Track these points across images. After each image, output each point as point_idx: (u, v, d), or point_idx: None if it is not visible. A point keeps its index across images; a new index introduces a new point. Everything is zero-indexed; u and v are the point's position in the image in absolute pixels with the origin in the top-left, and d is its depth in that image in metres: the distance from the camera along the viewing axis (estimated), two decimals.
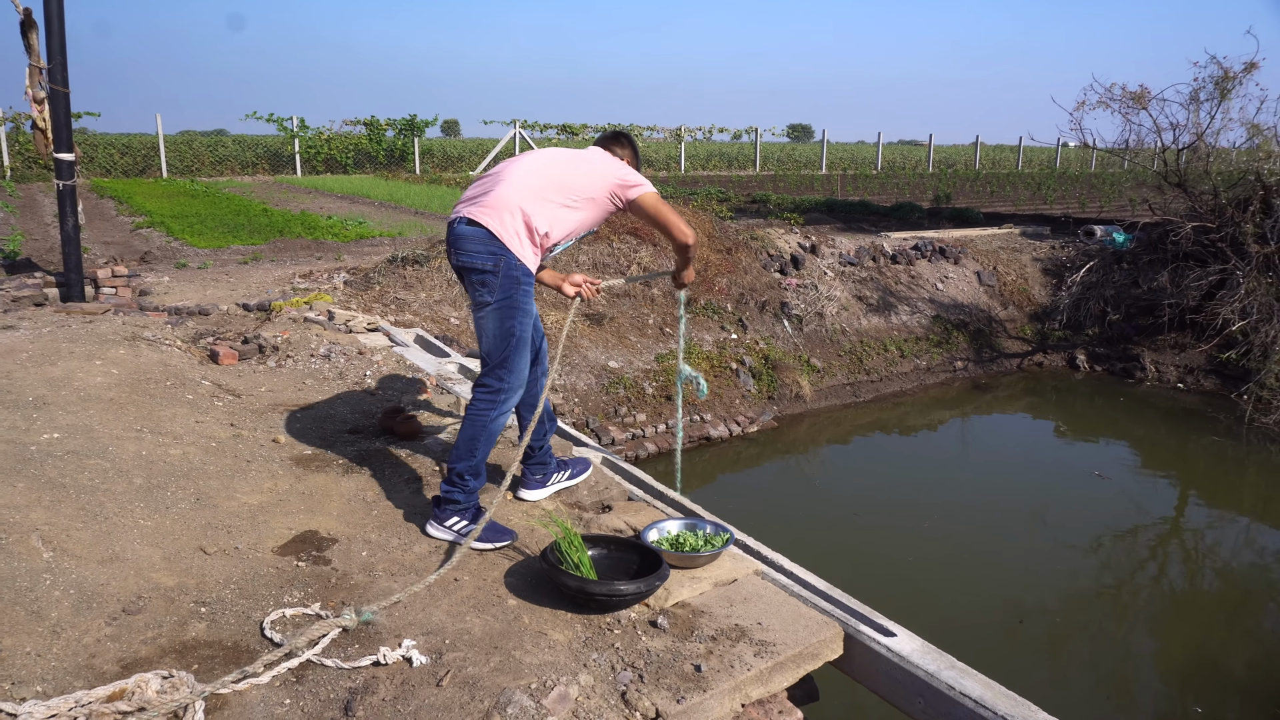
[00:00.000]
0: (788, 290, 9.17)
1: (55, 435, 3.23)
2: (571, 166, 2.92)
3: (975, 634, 4.41)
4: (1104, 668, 4.29)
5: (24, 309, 6.59)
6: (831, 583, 2.78)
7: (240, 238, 11.03)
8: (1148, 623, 4.92)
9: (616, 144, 3.13)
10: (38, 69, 6.99)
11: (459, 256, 2.83)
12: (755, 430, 7.48)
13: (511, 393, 2.87)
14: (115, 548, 2.57)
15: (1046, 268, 11.17)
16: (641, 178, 2.95)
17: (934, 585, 4.91)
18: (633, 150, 3.16)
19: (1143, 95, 9.33)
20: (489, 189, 2.86)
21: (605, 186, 2.91)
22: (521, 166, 2.91)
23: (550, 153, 3.01)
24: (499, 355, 2.82)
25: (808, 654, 2.39)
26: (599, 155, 3.00)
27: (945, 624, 4.43)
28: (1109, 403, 8.82)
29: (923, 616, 4.47)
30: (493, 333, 2.82)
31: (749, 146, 34.18)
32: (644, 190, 2.92)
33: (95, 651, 2.13)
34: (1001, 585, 5.01)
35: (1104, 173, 29.02)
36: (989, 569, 5.19)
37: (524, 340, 2.85)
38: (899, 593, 4.75)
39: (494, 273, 2.77)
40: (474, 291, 2.84)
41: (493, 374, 2.84)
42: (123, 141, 24.66)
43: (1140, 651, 4.62)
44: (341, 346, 5.24)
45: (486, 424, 2.84)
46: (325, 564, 2.68)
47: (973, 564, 5.23)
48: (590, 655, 2.24)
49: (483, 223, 2.77)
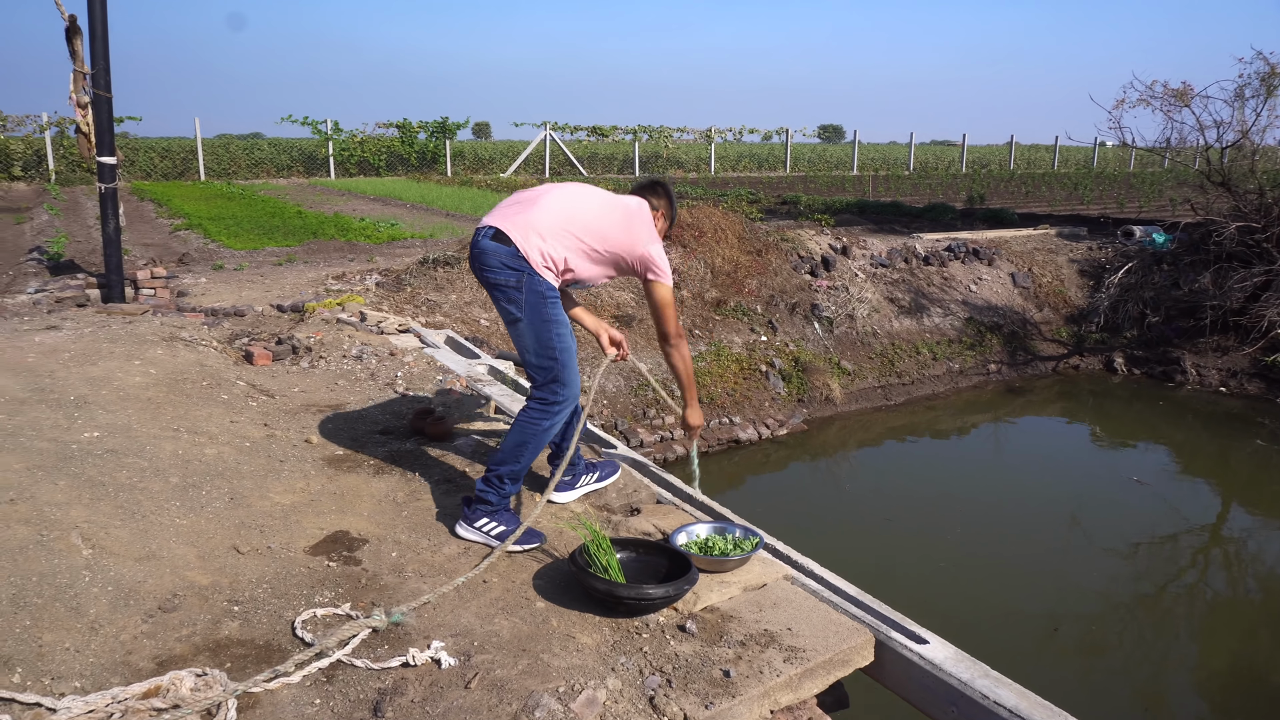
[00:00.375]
0: (818, 292, 9.11)
1: (95, 434, 3.29)
2: (610, 218, 2.91)
3: (1009, 641, 4.34)
4: (1142, 678, 4.20)
5: (67, 309, 6.74)
6: (862, 588, 2.75)
7: (275, 240, 11.19)
8: (1187, 633, 4.82)
9: (654, 194, 3.13)
10: (82, 74, 7.15)
11: (482, 271, 2.83)
12: (785, 433, 7.43)
13: (568, 403, 2.88)
14: (152, 546, 2.61)
15: (1083, 269, 10.98)
16: (667, 267, 2.99)
17: (967, 591, 4.85)
18: (669, 201, 3.17)
19: (1185, 92, 9.14)
20: (524, 208, 2.85)
21: (635, 255, 2.93)
22: (562, 197, 2.90)
23: (593, 195, 2.98)
24: (550, 373, 2.83)
25: (838, 660, 2.36)
26: (642, 216, 2.98)
27: (979, 631, 4.37)
28: (1148, 406, 8.65)
29: (956, 623, 4.42)
30: (534, 349, 2.82)
31: (779, 148, 34.03)
32: (663, 282, 2.98)
33: (132, 648, 2.16)
34: (1036, 592, 4.93)
35: (1143, 172, 28.50)
36: (1023, 575, 5.11)
37: (570, 351, 2.86)
38: (931, 598, 4.69)
39: (518, 288, 2.77)
40: (501, 306, 2.85)
41: (548, 389, 2.84)
42: (163, 145, 25.14)
43: (1179, 662, 4.52)
44: (373, 348, 5.29)
45: (537, 432, 2.85)
46: (356, 564, 2.70)
47: (1007, 570, 5.15)
48: (618, 659, 2.23)
49: (510, 237, 2.77)
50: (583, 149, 30.08)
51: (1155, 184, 21.09)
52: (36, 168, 22.05)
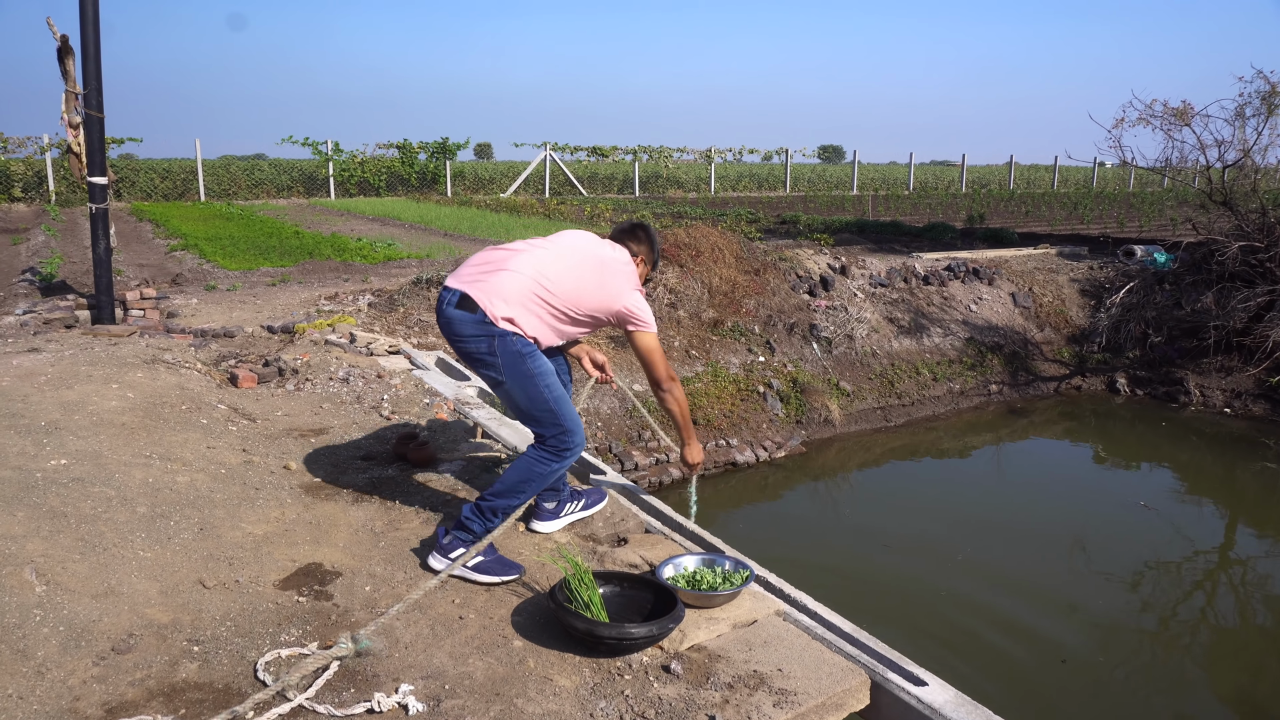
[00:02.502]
0: (817, 312, 9.00)
1: (63, 461, 3.18)
2: (583, 279, 2.78)
3: (1013, 676, 4.19)
4: (1154, 715, 4.05)
5: (54, 330, 6.64)
6: (859, 622, 2.62)
7: (270, 260, 11.12)
8: (1201, 663, 4.66)
9: (633, 239, 3.01)
10: (74, 94, 7.09)
11: (454, 341, 2.74)
12: (782, 455, 7.30)
13: (578, 448, 2.77)
14: (111, 581, 2.49)
15: (1084, 289, 10.88)
16: (648, 315, 2.87)
17: (968, 622, 4.70)
18: (650, 245, 3.03)
19: (1185, 111, 9.08)
20: (490, 271, 2.73)
21: (612, 311, 2.83)
22: (532, 260, 2.75)
23: (565, 253, 2.82)
24: (550, 423, 2.72)
25: (831, 704, 2.24)
26: (617, 267, 2.86)
27: (981, 666, 4.23)
28: (1151, 428, 8.51)
29: (956, 656, 4.28)
30: (526, 406, 2.72)
31: (779, 168, 34.09)
32: (646, 331, 2.87)
33: (80, 694, 2.04)
34: (1041, 623, 4.78)
35: (1143, 192, 28.51)
36: (1028, 605, 4.96)
37: (562, 398, 2.75)
38: (931, 630, 4.55)
39: (491, 354, 2.67)
40: (481, 372, 2.75)
41: (554, 438, 2.73)
42: (163, 166, 25.16)
43: (1194, 696, 4.36)
44: (360, 370, 5.19)
45: (545, 474, 2.75)
46: (327, 599, 2.58)
47: (1010, 599, 5.00)
48: (598, 704, 2.11)
49: (476, 301, 2.65)
50: (583, 169, 30.11)
51: (1156, 203, 21.06)
52: (37, 189, 22.06)
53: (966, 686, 2.38)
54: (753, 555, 3.00)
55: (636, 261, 2.97)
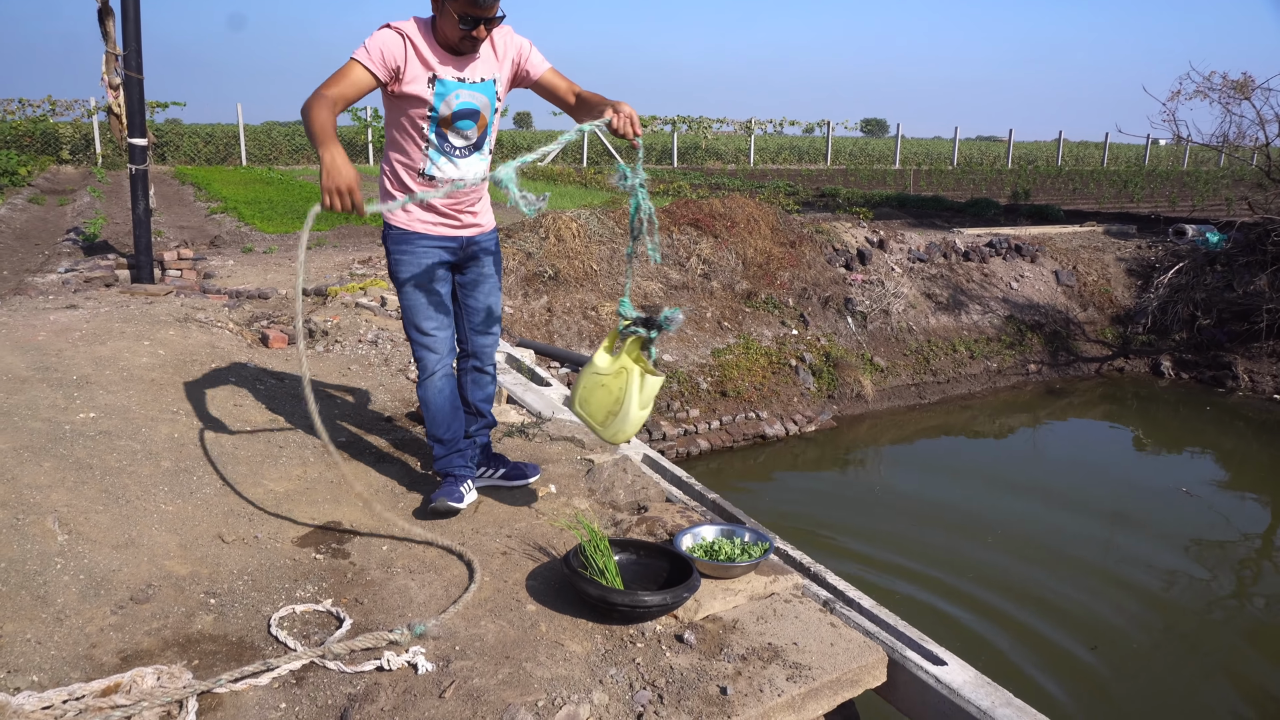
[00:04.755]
0: (852, 286, 8.85)
1: (91, 415, 3.22)
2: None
3: (1039, 665, 4.11)
4: (1187, 707, 3.95)
5: (94, 289, 6.75)
6: (880, 599, 2.56)
7: None
8: (1238, 655, 4.53)
9: None
10: (113, 55, 7.15)
11: None
12: (813, 430, 7.22)
13: (425, 360, 2.75)
14: (132, 533, 2.51)
15: (1131, 268, 10.57)
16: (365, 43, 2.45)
17: (994, 606, 4.61)
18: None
19: (1245, 84, 8.71)
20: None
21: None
22: None
23: None
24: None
25: (846, 680, 2.19)
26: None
27: (1005, 651, 4.15)
28: (1195, 413, 8.27)
29: (981, 639, 4.20)
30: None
31: (820, 141, 33.55)
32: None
33: (97, 641, 2.06)
34: (1072, 609, 4.67)
35: (1197, 171, 27.56)
36: (1058, 589, 4.85)
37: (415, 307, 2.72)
38: (954, 612, 4.48)
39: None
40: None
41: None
42: (206, 131, 25.46)
43: (1228, 688, 4.25)
44: (390, 333, 5.19)
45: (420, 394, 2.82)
46: (344, 557, 2.58)
47: (1040, 583, 4.90)
48: (608, 670, 2.08)
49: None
50: (620, 139, 29.87)
51: (1210, 182, 20.35)
52: (84, 151, 22.45)
53: (992, 669, 2.32)
54: (776, 528, 2.95)
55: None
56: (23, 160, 17.50)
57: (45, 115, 22.76)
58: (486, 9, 2.42)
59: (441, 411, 2.79)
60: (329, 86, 2.41)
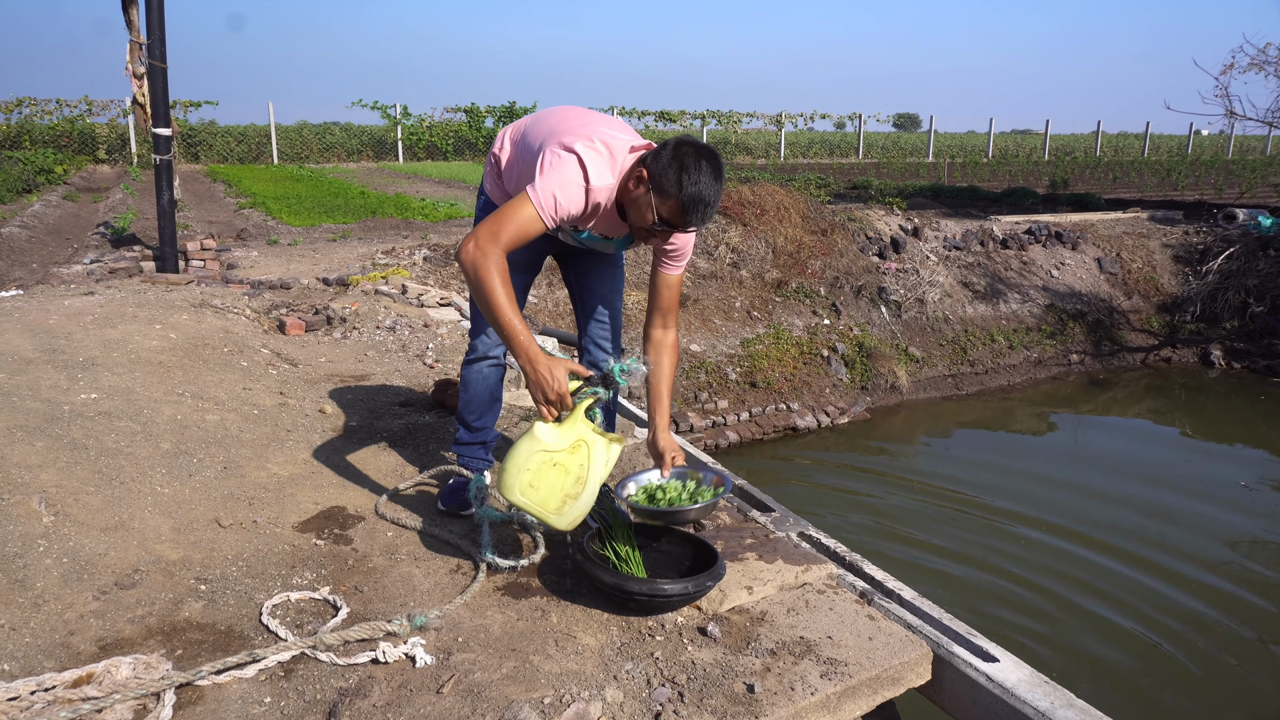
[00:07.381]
0: (886, 274, 8.59)
1: (93, 396, 3.10)
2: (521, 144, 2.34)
3: (1095, 664, 3.86)
4: (1257, 710, 3.68)
5: (117, 279, 6.71)
6: (920, 593, 2.36)
7: (334, 217, 11.14)
8: None
9: (655, 158, 2.07)
10: (137, 45, 7.10)
11: None
12: (846, 422, 6.99)
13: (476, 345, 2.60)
14: (123, 515, 2.38)
15: (1178, 255, 10.17)
16: (547, 201, 2.03)
17: (1045, 603, 4.36)
18: (671, 174, 2.02)
19: None
20: None
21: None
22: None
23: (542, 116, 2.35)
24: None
25: (886, 678, 1.99)
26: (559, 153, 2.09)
27: (1058, 650, 3.91)
28: (1248, 404, 7.91)
29: (1031, 639, 3.96)
30: None
31: (852, 135, 33.10)
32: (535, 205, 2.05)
33: (75, 628, 1.92)
34: (1127, 608, 4.41)
35: (1243, 159, 26.73)
36: (1111, 587, 4.59)
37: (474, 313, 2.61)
38: (1003, 609, 4.24)
39: None
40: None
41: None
42: (238, 130, 25.65)
43: None
44: (408, 319, 5.06)
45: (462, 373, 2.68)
46: (346, 543, 2.42)
47: (1091, 581, 4.63)
48: (623, 665, 1.90)
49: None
50: (650, 134, 29.68)
51: (1259, 169, 19.70)
52: (120, 150, 22.70)
53: (1041, 670, 2.10)
54: (807, 519, 2.75)
55: (635, 173, 2.08)
56: (60, 159, 17.71)
57: (82, 115, 23.05)
58: (688, 229, 2.14)
59: (479, 398, 2.63)
60: (497, 242, 1.98)
